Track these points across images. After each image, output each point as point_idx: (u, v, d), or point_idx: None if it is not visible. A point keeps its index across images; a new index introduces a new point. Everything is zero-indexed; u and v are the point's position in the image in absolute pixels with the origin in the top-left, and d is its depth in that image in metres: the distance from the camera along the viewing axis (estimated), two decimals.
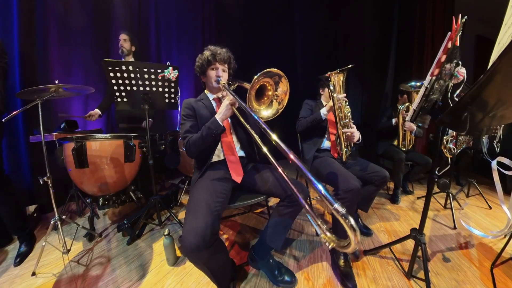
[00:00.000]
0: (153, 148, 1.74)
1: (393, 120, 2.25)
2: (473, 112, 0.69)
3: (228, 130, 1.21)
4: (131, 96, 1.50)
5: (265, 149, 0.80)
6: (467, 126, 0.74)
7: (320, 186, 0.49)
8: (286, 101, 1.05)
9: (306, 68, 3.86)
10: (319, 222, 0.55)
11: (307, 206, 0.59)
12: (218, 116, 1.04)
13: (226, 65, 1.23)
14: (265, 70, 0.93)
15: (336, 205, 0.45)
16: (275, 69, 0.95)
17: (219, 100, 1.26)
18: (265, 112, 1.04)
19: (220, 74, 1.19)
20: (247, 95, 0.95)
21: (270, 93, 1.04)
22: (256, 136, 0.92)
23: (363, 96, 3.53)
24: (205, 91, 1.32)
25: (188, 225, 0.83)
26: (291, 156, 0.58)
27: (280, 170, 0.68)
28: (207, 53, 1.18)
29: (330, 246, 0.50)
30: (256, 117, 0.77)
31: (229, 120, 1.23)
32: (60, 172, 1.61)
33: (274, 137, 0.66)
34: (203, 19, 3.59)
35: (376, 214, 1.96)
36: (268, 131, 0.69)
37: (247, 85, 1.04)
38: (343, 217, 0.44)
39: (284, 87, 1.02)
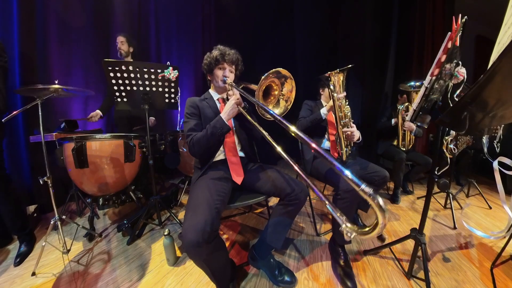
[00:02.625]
0: (153, 148, 1.74)
1: (393, 121, 2.25)
2: (473, 112, 0.69)
3: (231, 130, 1.22)
4: (131, 96, 1.50)
5: (279, 148, 0.81)
6: (467, 126, 0.74)
7: (347, 171, 0.49)
8: (293, 97, 1.07)
9: (306, 69, 3.85)
10: (339, 214, 0.55)
11: (323, 198, 0.59)
12: (223, 115, 1.05)
13: (233, 66, 1.23)
14: (275, 70, 0.96)
15: (363, 186, 0.45)
16: (284, 69, 0.98)
17: (223, 101, 1.26)
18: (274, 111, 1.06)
19: (227, 74, 1.20)
20: (255, 94, 0.97)
21: (276, 92, 1.06)
22: (266, 134, 0.92)
23: (363, 96, 3.53)
24: (210, 90, 1.33)
25: (188, 221, 0.83)
26: (313, 145, 0.58)
27: (296, 167, 0.69)
28: (216, 52, 1.18)
29: (352, 236, 0.50)
30: (271, 112, 0.77)
31: (232, 120, 1.23)
32: (60, 172, 1.61)
33: (293, 128, 0.66)
34: (203, 19, 3.59)
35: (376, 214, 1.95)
36: (287, 123, 0.68)
37: (253, 87, 1.05)
38: (371, 197, 0.44)
39: (289, 86, 1.05)
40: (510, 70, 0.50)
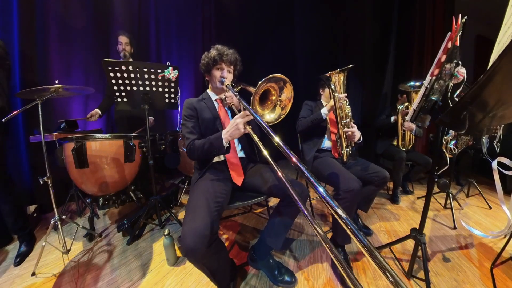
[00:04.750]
0: (153, 148, 1.74)
1: (392, 118, 2.24)
2: (473, 112, 0.69)
3: None
4: (131, 96, 1.50)
5: (265, 152, 0.80)
6: (466, 126, 0.74)
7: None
8: (289, 107, 1.05)
9: (306, 69, 3.85)
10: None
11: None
12: (225, 135, 0.97)
13: (232, 67, 1.21)
14: (270, 76, 0.94)
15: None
16: (280, 74, 0.96)
17: (221, 101, 1.25)
18: (268, 116, 1.05)
19: (225, 75, 1.18)
20: (251, 98, 0.96)
21: (274, 97, 1.06)
22: (257, 139, 0.91)
23: (363, 96, 3.53)
24: (208, 90, 1.32)
25: (187, 225, 0.83)
26: (294, 159, 0.58)
27: (279, 173, 0.67)
28: (214, 52, 1.16)
29: None
30: (259, 118, 0.77)
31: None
32: (60, 172, 1.61)
33: (277, 139, 0.66)
34: (203, 19, 3.59)
35: (376, 214, 1.96)
36: (272, 133, 0.69)
37: (251, 89, 1.04)
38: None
39: (288, 93, 1.03)
40: (510, 70, 0.50)
